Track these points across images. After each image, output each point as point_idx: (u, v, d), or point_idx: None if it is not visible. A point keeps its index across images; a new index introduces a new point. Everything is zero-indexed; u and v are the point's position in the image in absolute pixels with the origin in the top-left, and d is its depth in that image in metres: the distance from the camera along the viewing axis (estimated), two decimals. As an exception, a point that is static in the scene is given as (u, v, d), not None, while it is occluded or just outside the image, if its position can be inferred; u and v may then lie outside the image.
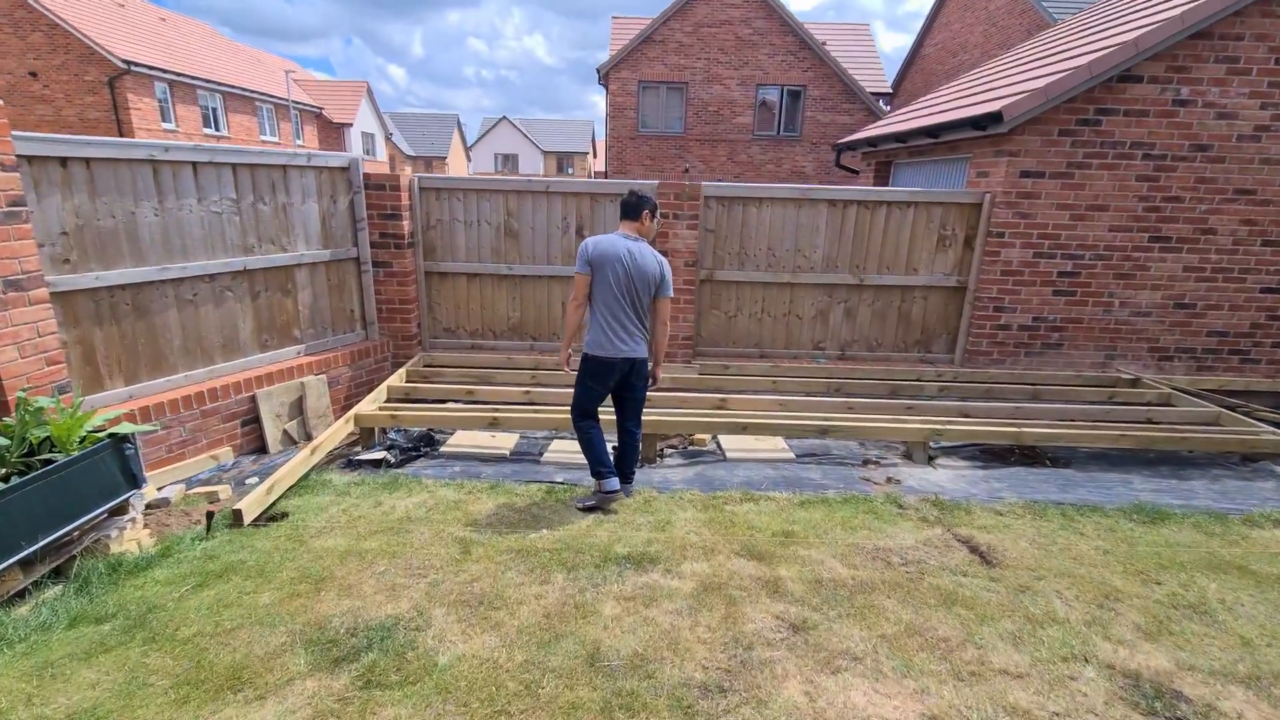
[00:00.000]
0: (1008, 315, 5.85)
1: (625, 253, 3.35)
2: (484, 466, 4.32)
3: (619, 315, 3.39)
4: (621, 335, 3.42)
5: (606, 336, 3.40)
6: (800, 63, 18.08)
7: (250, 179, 4.68)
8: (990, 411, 5.08)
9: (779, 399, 5.14)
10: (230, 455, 4.56)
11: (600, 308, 3.39)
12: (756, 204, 5.78)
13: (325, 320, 5.39)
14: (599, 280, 3.34)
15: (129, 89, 19.58)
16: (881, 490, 3.99)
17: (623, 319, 3.40)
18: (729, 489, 3.93)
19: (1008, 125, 5.19)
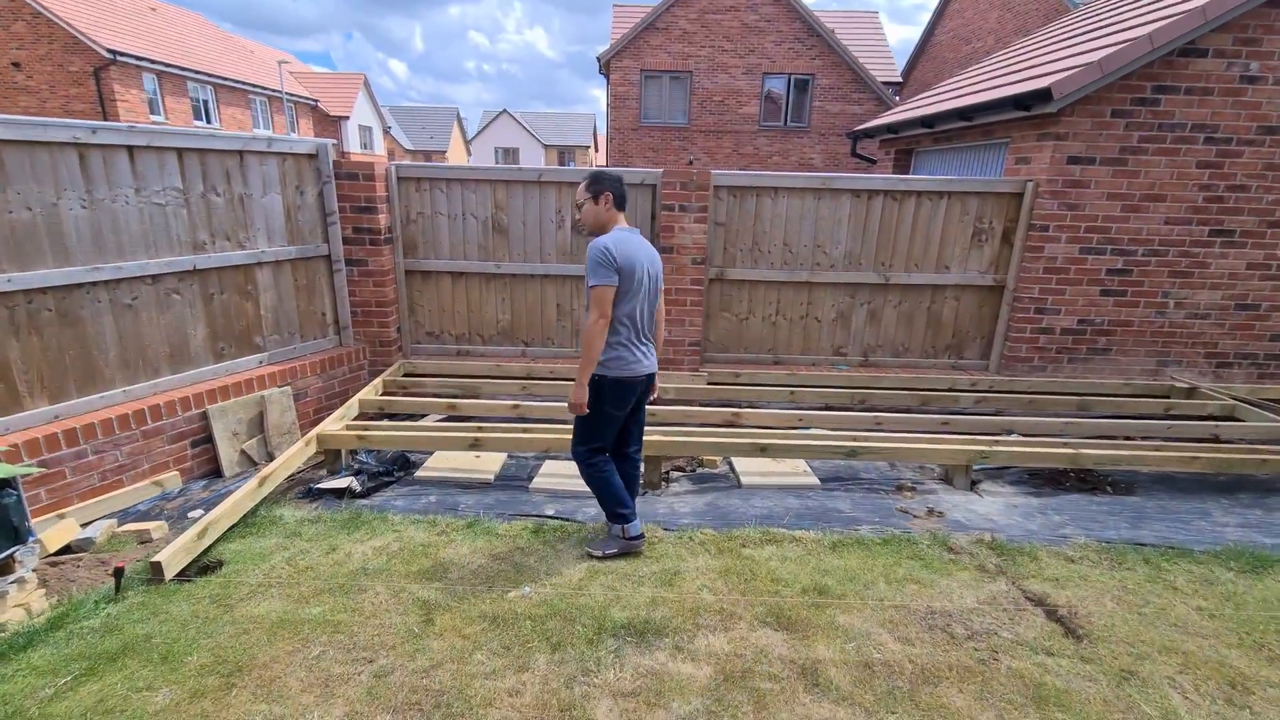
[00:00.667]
0: (1050, 317, 5.27)
1: (645, 253, 2.88)
2: (463, 495, 3.76)
3: (642, 327, 2.91)
4: (644, 349, 2.95)
5: (632, 353, 2.88)
6: (808, 50, 17.43)
7: (199, 166, 4.12)
8: (1036, 428, 4.52)
9: (798, 414, 4.57)
10: (178, 481, 4.02)
11: (625, 321, 2.83)
12: (771, 194, 5.20)
13: (292, 325, 4.83)
14: (625, 290, 2.78)
15: (115, 80, 19.01)
16: (924, 526, 3.42)
17: (644, 331, 2.94)
18: (746, 525, 3.37)
19: (1057, 104, 4.60)
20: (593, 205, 2.85)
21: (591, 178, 2.86)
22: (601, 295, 2.73)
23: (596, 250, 2.73)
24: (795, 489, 3.93)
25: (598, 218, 2.87)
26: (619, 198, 2.90)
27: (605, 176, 2.89)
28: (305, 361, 4.80)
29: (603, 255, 2.71)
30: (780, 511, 3.61)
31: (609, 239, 2.78)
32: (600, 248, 2.73)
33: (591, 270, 2.72)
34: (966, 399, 5.00)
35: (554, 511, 3.55)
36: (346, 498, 3.65)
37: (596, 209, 2.86)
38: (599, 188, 2.85)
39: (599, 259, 2.72)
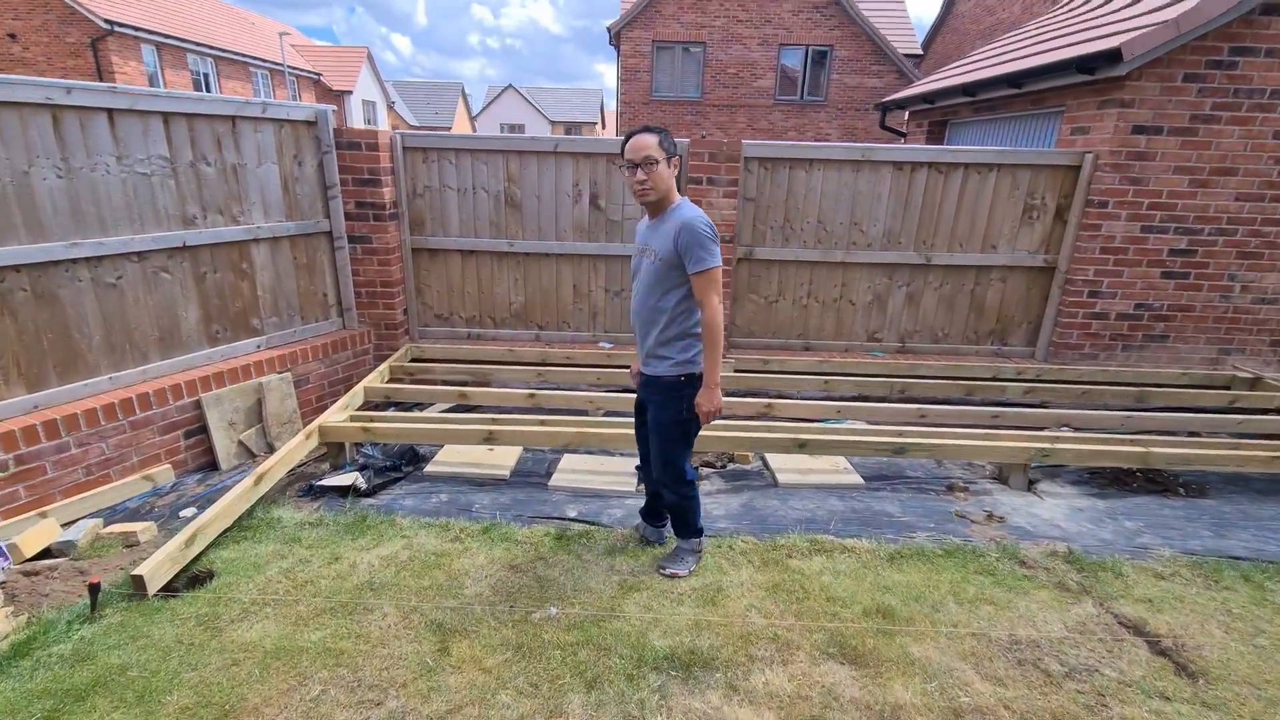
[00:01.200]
0: (1105, 301, 4.89)
1: None
2: (477, 493, 3.46)
3: None
4: None
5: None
6: (826, 20, 16.77)
7: (188, 132, 3.77)
8: (1094, 422, 4.17)
9: (835, 405, 4.24)
10: (170, 475, 3.73)
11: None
12: (806, 166, 4.81)
13: (291, 306, 4.51)
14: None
15: (114, 52, 18.51)
16: (985, 533, 3.10)
17: None
18: (788, 530, 3.06)
19: (1127, 66, 4.18)
20: (666, 167, 2.37)
21: (664, 132, 2.38)
22: (720, 275, 2.36)
23: (701, 225, 2.31)
24: (837, 489, 3.61)
25: (667, 183, 2.40)
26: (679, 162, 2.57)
27: (667, 131, 2.45)
28: (306, 346, 4.48)
29: (711, 230, 2.33)
30: (824, 515, 3.30)
31: (699, 212, 2.39)
32: (704, 222, 2.33)
33: (703, 248, 2.31)
34: (1014, 389, 4.65)
35: (577, 514, 3.25)
36: (350, 496, 3.35)
37: (670, 173, 2.39)
38: (673, 147, 2.40)
39: (709, 234, 2.32)
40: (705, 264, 2.32)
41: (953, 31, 20.39)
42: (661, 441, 2.56)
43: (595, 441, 3.60)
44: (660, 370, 2.49)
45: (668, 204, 2.43)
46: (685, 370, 2.47)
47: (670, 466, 2.56)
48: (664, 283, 2.40)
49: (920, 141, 7.74)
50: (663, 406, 2.51)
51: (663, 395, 2.50)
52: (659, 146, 2.34)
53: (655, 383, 2.52)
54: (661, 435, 2.55)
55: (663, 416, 2.51)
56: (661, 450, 2.57)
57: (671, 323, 2.43)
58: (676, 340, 2.45)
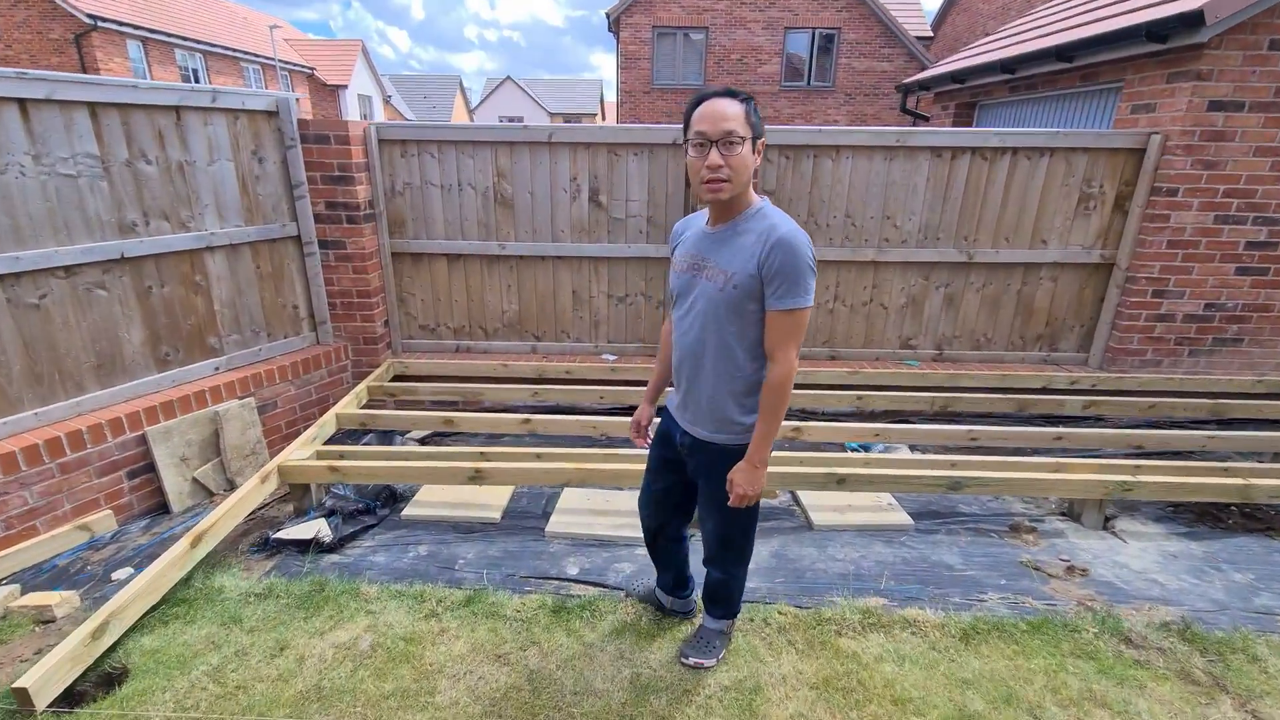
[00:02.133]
0: (1171, 301, 4.34)
1: None
2: (462, 544, 2.95)
3: None
4: None
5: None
6: (834, 2, 16.10)
7: (122, 127, 3.24)
8: (1172, 443, 3.64)
9: (873, 428, 3.71)
10: (111, 522, 3.24)
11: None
12: (833, 154, 4.26)
13: (255, 321, 4.00)
14: None
15: (98, 47, 17.97)
16: (1068, 591, 2.58)
17: None
18: (832, 592, 2.55)
19: (1209, 32, 3.61)
20: (751, 152, 1.66)
21: (751, 101, 1.67)
22: (807, 321, 1.72)
23: (804, 246, 1.65)
24: (882, 531, 3.09)
25: (749, 176, 1.69)
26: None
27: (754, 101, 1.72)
28: (273, 365, 3.97)
29: (813, 256, 1.68)
30: (871, 567, 2.78)
31: (795, 224, 1.69)
32: (806, 242, 1.66)
33: (799, 279, 1.64)
34: (1072, 403, 4.11)
35: (578, 571, 2.74)
36: (312, 551, 2.85)
37: (754, 161, 1.68)
38: (761, 126, 1.69)
39: (810, 261, 1.66)
40: (795, 301, 1.66)
41: (963, 11, 19.68)
42: (726, 525, 1.98)
43: (599, 479, 3.09)
44: (726, 437, 1.85)
45: (743, 205, 1.74)
46: (752, 435, 1.85)
47: (729, 548, 2.00)
48: (740, 317, 1.73)
49: (946, 125, 7.16)
50: (726, 481, 1.87)
51: (727, 467, 1.86)
52: (745, 120, 1.63)
53: (717, 453, 1.87)
54: (727, 517, 1.95)
55: (725, 493, 1.87)
56: (721, 530, 2.00)
57: (748, 373, 1.80)
58: (748, 395, 1.82)
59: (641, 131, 4.20)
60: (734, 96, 1.65)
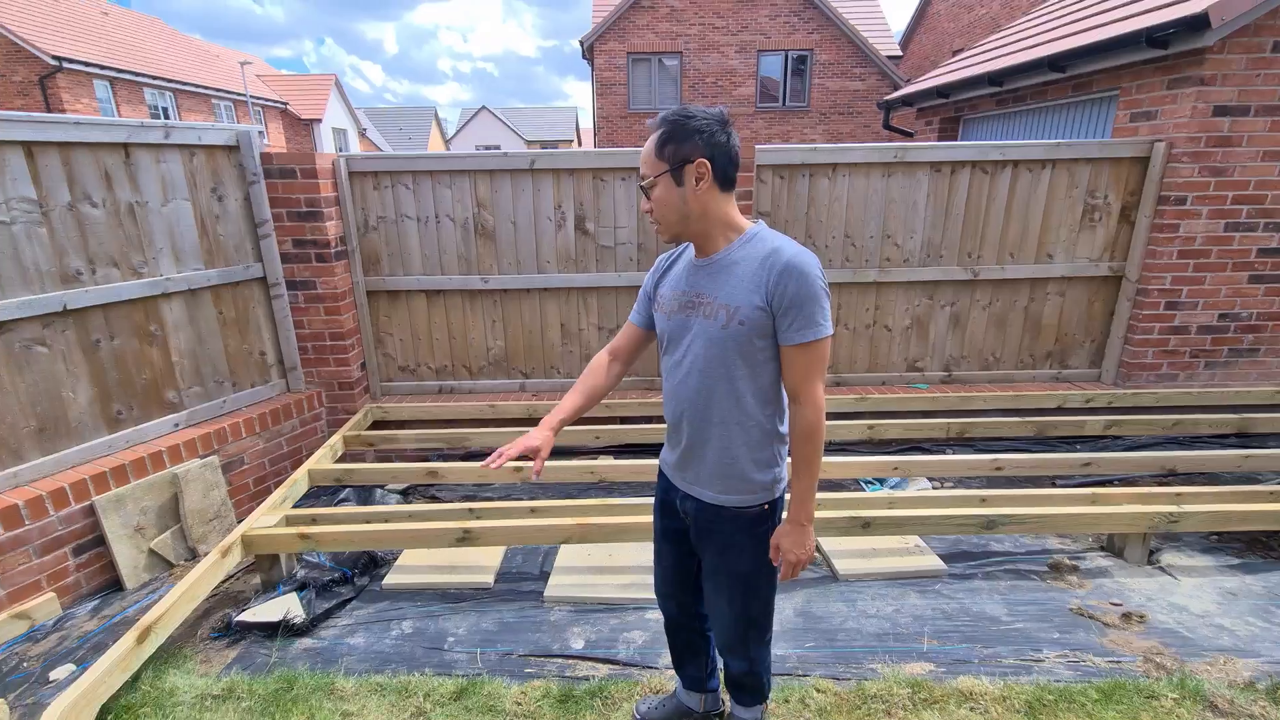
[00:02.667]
0: (1184, 313, 4.18)
1: None
2: (452, 616, 2.64)
3: None
4: None
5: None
6: (805, 24, 16.28)
7: (62, 167, 2.96)
8: (1206, 464, 3.44)
9: (891, 461, 3.47)
10: (55, 607, 2.88)
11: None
12: (829, 172, 4.08)
13: (219, 371, 3.68)
14: None
15: (63, 89, 17.63)
16: (1129, 642, 2.33)
17: None
18: (872, 658, 2.28)
19: (1214, 35, 3.49)
20: (672, 185, 1.46)
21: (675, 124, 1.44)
22: (829, 352, 1.49)
23: (814, 269, 1.43)
24: (914, 579, 2.83)
25: (683, 210, 1.48)
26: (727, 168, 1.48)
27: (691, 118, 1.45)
28: (239, 418, 3.65)
29: (824, 277, 1.46)
30: (908, 623, 2.51)
31: (799, 246, 1.47)
32: (815, 264, 1.44)
33: (815, 305, 1.43)
34: (1093, 424, 3.90)
35: (584, 645, 2.44)
36: (281, 635, 2.51)
37: (688, 193, 1.46)
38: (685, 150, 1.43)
39: (823, 284, 1.45)
40: (815, 332, 1.43)
41: (930, 31, 20.06)
42: (739, 600, 1.68)
43: (600, 536, 2.80)
44: (739, 499, 1.57)
45: (726, 236, 1.51)
46: (771, 495, 1.60)
47: (751, 629, 1.70)
48: (748, 357, 1.49)
49: (930, 141, 7.07)
50: (740, 551, 1.61)
51: (740, 535, 1.60)
52: (653, 158, 1.46)
53: (728, 519, 1.60)
54: (739, 590, 1.66)
55: (739, 564, 1.61)
56: (738, 611, 1.69)
57: (762, 423, 1.54)
58: (763, 448, 1.56)
59: (627, 155, 3.99)
60: (656, 130, 1.48)
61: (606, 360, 1.83)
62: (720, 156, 1.45)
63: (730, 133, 1.46)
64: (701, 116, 1.44)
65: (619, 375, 1.83)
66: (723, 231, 1.51)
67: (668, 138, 1.45)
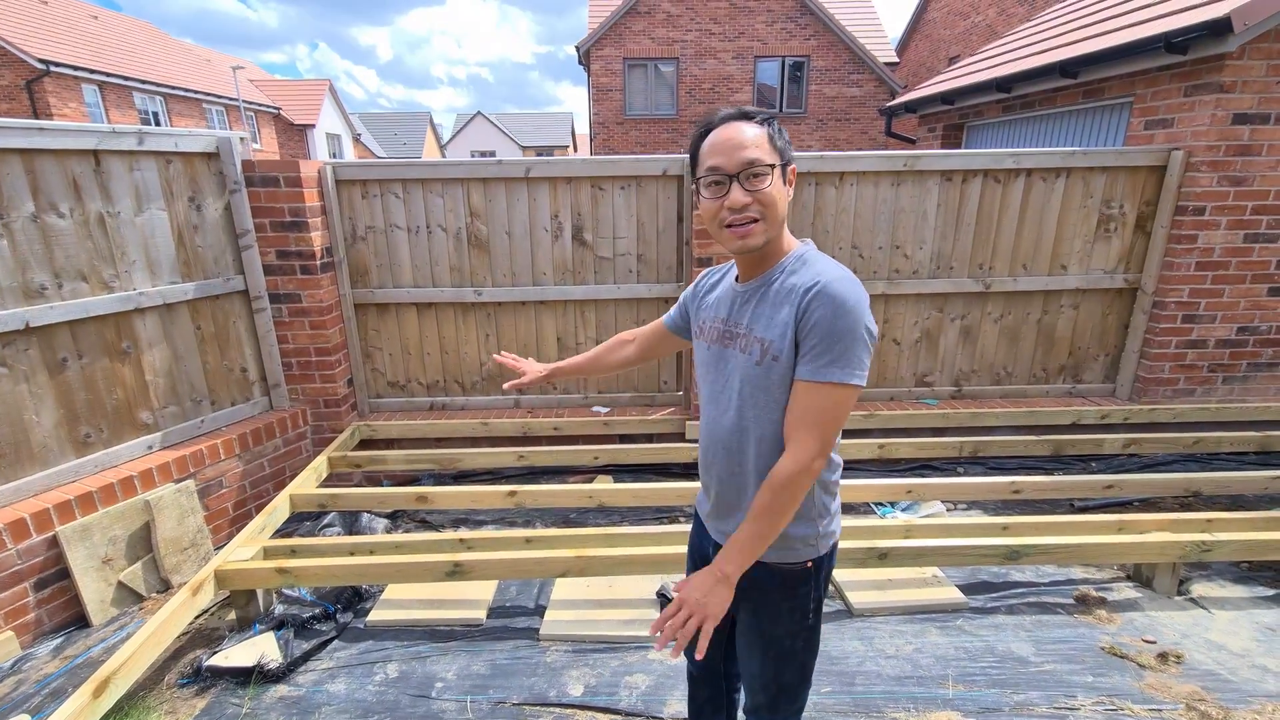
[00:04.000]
0: (1202, 327, 4.04)
1: None
2: (441, 658, 2.45)
3: None
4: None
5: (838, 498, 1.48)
6: (802, 30, 16.21)
7: (25, 176, 2.77)
8: (1233, 486, 3.30)
9: (905, 484, 3.30)
10: (14, 646, 2.68)
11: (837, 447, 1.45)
12: (835, 181, 3.93)
13: (196, 390, 3.49)
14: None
15: (51, 93, 17.39)
16: (1168, 687, 2.17)
17: None
18: (893, 705, 2.11)
19: (1237, 41, 3.37)
20: (782, 182, 1.28)
21: (773, 120, 1.29)
22: (849, 405, 1.25)
23: (854, 304, 1.21)
24: (933, 613, 2.66)
25: (783, 214, 1.29)
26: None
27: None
28: (218, 439, 3.46)
29: (870, 324, 1.24)
30: (930, 664, 2.35)
31: (846, 271, 1.27)
32: (859, 299, 1.22)
33: (847, 343, 1.21)
34: (1111, 442, 3.76)
35: (583, 691, 2.26)
36: (255, 681, 2.32)
37: (786, 194, 1.29)
38: (789, 148, 1.29)
39: (866, 324, 1.23)
40: (834, 372, 1.21)
41: (926, 38, 20.09)
42: (771, 664, 1.47)
43: (599, 568, 2.63)
44: (773, 554, 1.35)
45: (779, 253, 1.33)
46: (816, 552, 1.39)
47: (783, 695, 1.50)
48: (780, 395, 1.30)
49: (933, 148, 6.95)
50: (775, 611, 1.40)
51: (775, 593, 1.39)
52: (769, 145, 1.25)
53: (765, 575, 1.38)
54: (771, 654, 1.46)
55: (775, 628, 1.41)
56: (770, 675, 1.48)
57: None
58: (806, 499, 1.34)
59: (628, 163, 3.84)
60: (750, 118, 1.27)
61: (623, 339, 1.85)
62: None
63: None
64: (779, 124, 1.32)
65: (630, 359, 1.82)
66: (776, 250, 1.33)
67: (778, 129, 1.29)
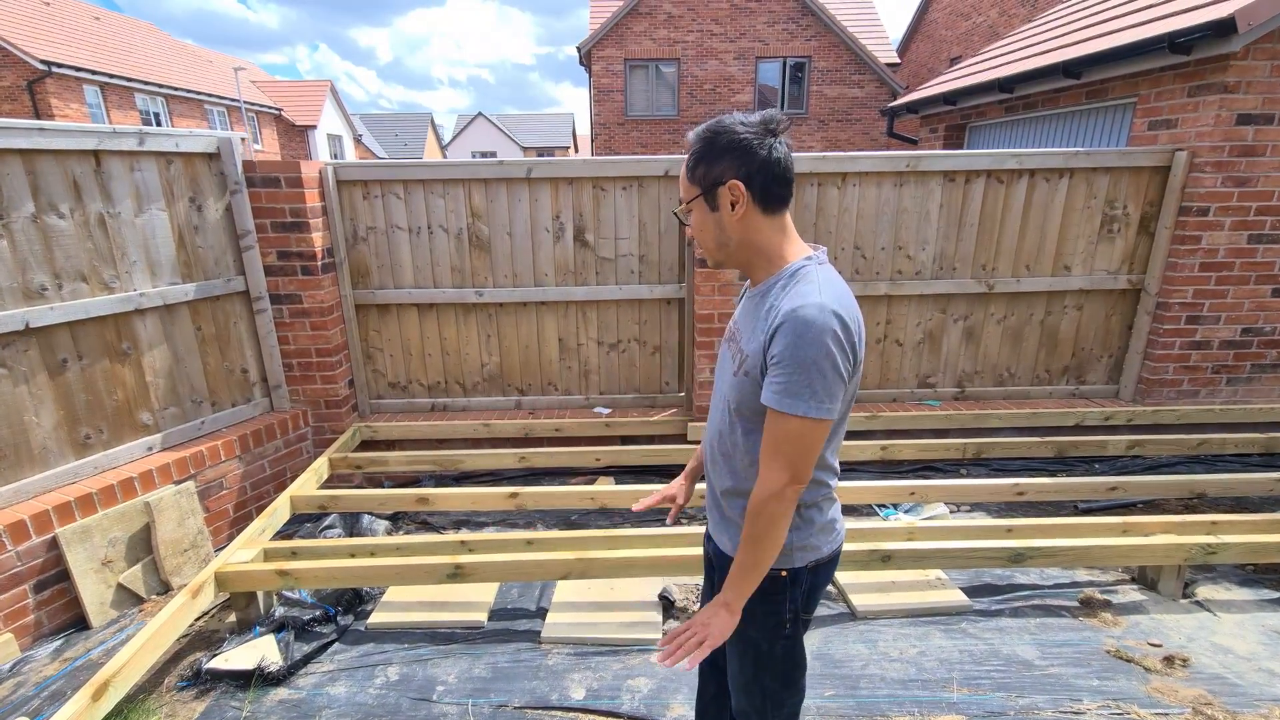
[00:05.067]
0: (1206, 328, 4.03)
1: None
2: (442, 661, 2.44)
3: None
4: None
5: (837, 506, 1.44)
6: (803, 31, 16.21)
7: (25, 176, 2.76)
8: (1239, 488, 3.28)
9: (907, 486, 3.29)
10: (13, 648, 2.67)
11: (832, 453, 1.36)
12: (838, 181, 3.92)
13: (197, 391, 3.48)
14: (846, 408, 1.31)
15: (52, 94, 17.40)
16: (1174, 690, 2.16)
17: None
18: (897, 708, 2.10)
19: (1241, 41, 3.35)
20: (708, 211, 1.28)
21: (705, 142, 1.25)
22: (814, 436, 1.20)
23: (818, 333, 1.15)
24: (937, 615, 2.65)
25: (719, 237, 1.31)
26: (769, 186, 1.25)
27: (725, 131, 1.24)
28: (218, 440, 3.45)
29: (839, 340, 1.16)
30: (934, 667, 2.33)
31: (832, 293, 1.20)
32: (827, 329, 1.15)
33: (804, 378, 1.16)
34: (1115, 444, 3.74)
35: (585, 694, 2.24)
36: (255, 684, 2.31)
37: (726, 219, 1.27)
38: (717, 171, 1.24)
39: (829, 354, 1.15)
40: (791, 403, 1.17)
41: (927, 39, 20.09)
42: (749, 667, 1.46)
43: (601, 570, 2.61)
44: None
45: (769, 267, 1.30)
46: (790, 562, 1.36)
47: (767, 701, 1.48)
48: (749, 411, 1.30)
49: (935, 149, 6.93)
50: (749, 613, 1.34)
51: (751, 597, 1.34)
52: (687, 179, 1.30)
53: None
54: (749, 657, 1.45)
55: (748, 628, 1.37)
56: (749, 678, 1.47)
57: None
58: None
59: (630, 164, 3.83)
60: (689, 147, 1.30)
61: None
62: (760, 174, 1.23)
63: (774, 144, 1.23)
64: (735, 129, 1.23)
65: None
66: (767, 263, 1.30)
67: (698, 157, 1.27)
